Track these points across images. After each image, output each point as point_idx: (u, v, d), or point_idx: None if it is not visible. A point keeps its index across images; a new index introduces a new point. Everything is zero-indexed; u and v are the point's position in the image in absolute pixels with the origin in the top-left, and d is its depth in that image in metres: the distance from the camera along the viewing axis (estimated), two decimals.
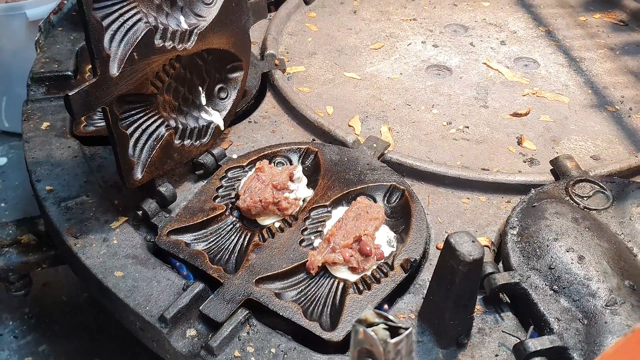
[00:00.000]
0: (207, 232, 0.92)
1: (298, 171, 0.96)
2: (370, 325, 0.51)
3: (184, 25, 0.96)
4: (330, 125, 1.13)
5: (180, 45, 0.95)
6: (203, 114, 1.04)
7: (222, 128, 1.07)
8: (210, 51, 1.03)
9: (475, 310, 0.78)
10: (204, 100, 1.05)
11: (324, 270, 0.85)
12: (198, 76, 1.03)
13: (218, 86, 1.08)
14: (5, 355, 1.27)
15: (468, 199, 1.02)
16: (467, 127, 1.19)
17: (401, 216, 0.94)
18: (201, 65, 1.03)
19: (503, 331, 0.81)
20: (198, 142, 1.02)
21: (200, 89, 1.04)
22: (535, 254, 0.85)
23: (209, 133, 1.04)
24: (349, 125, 1.18)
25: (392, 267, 0.84)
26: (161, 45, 0.91)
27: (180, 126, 0.99)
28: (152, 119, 0.94)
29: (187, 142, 1.00)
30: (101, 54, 0.83)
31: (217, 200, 0.96)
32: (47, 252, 1.12)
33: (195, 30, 0.97)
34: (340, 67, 1.36)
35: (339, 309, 0.80)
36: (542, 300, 0.80)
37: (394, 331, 0.51)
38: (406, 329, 0.50)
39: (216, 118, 1.05)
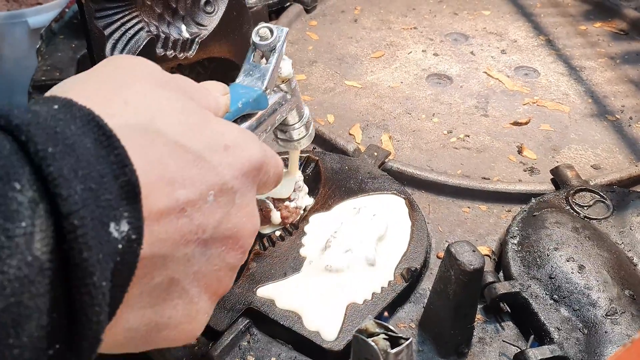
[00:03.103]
0: None
1: (299, 180, 0.96)
2: (371, 335, 0.52)
3: (185, 34, 0.97)
4: (331, 133, 1.13)
5: (182, 54, 0.95)
6: None
7: None
8: (211, 59, 1.03)
9: (476, 319, 0.78)
10: None
11: None
12: None
13: None
14: None
15: (468, 208, 1.02)
16: (468, 136, 1.19)
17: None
18: (202, 74, 1.03)
19: (504, 341, 0.81)
20: None
21: None
22: (536, 264, 0.85)
23: None
24: (350, 134, 1.18)
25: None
26: (163, 54, 0.91)
27: None
28: None
29: None
30: None
31: None
32: None
33: (196, 39, 0.97)
34: (341, 75, 1.36)
35: None
36: (542, 310, 0.80)
37: (394, 341, 0.51)
38: (406, 339, 0.50)
39: None
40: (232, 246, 0.48)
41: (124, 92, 0.44)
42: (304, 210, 0.95)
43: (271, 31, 0.70)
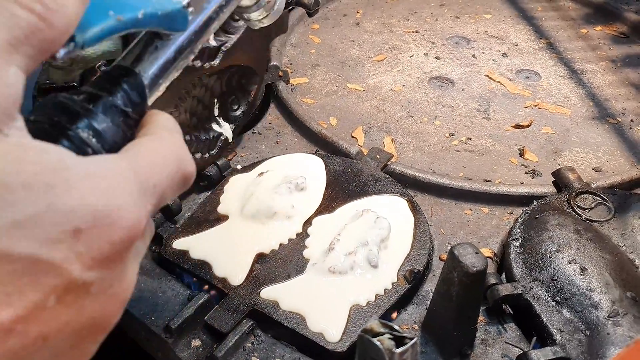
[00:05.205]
0: None
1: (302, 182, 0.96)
2: (376, 335, 0.52)
3: (212, 42, 0.96)
4: (334, 136, 1.14)
5: (207, 64, 0.95)
6: (214, 125, 1.04)
7: (230, 140, 1.07)
8: (231, 66, 1.03)
9: (478, 321, 0.79)
10: (216, 111, 1.06)
11: None
12: (215, 90, 1.03)
13: (231, 98, 1.08)
14: None
15: (471, 210, 1.03)
16: (470, 139, 1.19)
17: None
18: (219, 80, 1.03)
19: (506, 342, 0.81)
20: (207, 154, 1.02)
21: (215, 100, 1.05)
22: (538, 266, 0.86)
23: (217, 145, 1.04)
24: (352, 137, 1.19)
25: None
26: (190, 64, 0.91)
27: (193, 139, 1.00)
28: None
29: (197, 155, 1.00)
30: None
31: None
32: None
33: (222, 48, 0.97)
34: (344, 78, 1.37)
35: None
36: (544, 312, 0.81)
37: (399, 341, 0.51)
38: (411, 338, 0.51)
39: (226, 130, 1.05)
40: (87, 337, 0.40)
41: None
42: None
43: None
